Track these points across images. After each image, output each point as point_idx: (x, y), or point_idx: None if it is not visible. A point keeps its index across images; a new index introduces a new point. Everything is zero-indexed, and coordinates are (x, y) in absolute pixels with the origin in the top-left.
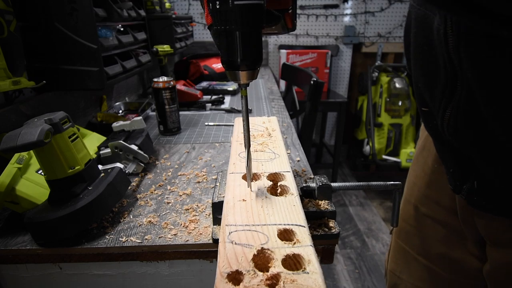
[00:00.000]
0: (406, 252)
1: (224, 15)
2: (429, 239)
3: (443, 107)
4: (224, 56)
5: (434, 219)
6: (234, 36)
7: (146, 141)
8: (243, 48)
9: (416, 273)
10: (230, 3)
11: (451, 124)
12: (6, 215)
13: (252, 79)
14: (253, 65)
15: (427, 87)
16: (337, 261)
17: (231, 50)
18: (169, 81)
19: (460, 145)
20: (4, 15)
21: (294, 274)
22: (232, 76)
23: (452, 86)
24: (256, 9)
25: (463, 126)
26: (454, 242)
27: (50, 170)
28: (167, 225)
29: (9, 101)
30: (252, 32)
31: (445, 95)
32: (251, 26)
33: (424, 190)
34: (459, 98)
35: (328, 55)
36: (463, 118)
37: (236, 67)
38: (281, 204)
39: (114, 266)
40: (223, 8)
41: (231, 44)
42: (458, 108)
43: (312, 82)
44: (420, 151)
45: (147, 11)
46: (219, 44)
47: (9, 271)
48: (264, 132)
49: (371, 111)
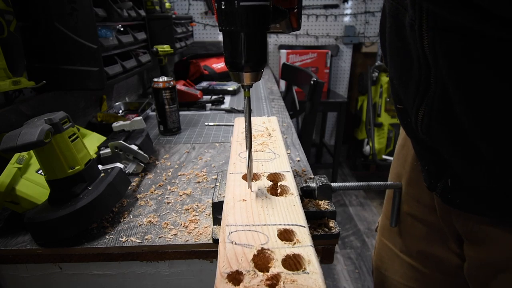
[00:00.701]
0: (389, 250)
1: (229, 16)
2: (410, 237)
3: (417, 105)
4: (228, 56)
5: (414, 217)
6: (238, 37)
7: (146, 141)
8: (248, 49)
9: (400, 270)
10: (236, 4)
11: (425, 122)
12: (6, 215)
13: (255, 80)
14: (257, 67)
15: (401, 84)
16: (337, 261)
17: (235, 51)
18: (169, 81)
19: (433, 143)
20: (4, 15)
21: (294, 274)
22: (236, 77)
23: (426, 84)
24: (262, 10)
25: (436, 125)
26: (434, 239)
27: (50, 170)
28: (167, 225)
29: (9, 101)
30: (257, 33)
31: (419, 93)
32: (256, 27)
33: (404, 188)
34: (433, 96)
35: (328, 55)
36: (436, 116)
37: (240, 68)
38: (281, 204)
39: (114, 266)
40: (229, 9)
41: (235, 45)
42: (432, 106)
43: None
44: (400, 149)
45: (147, 11)
46: (224, 45)
47: (9, 271)
48: (264, 132)
49: (371, 111)
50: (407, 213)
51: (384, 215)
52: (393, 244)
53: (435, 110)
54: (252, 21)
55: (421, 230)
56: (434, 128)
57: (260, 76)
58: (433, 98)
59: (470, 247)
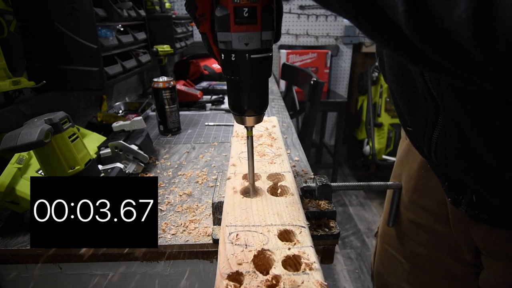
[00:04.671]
0: (392, 256)
1: (237, 67)
2: (414, 244)
3: (428, 136)
4: (232, 101)
5: (419, 225)
6: (243, 85)
7: (146, 141)
8: (250, 96)
9: (403, 276)
10: (247, 57)
11: (439, 153)
12: (6, 215)
13: (258, 122)
14: (259, 111)
15: (408, 110)
16: (337, 261)
17: (239, 97)
18: (169, 81)
19: (452, 172)
20: (4, 15)
21: (295, 275)
22: (239, 120)
23: (434, 115)
24: (266, 61)
25: (453, 154)
26: (440, 247)
27: (50, 170)
28: (167, 225)
29: (9, 101)
30: (261, 82)
31: (428, 124)
32: (260, 76)
33: (410, 195)
34: (444, 127)
35: (328, 55)
36: (451, 147)
37: (243, 112)
38: (281, 204)
39: (114, 266)
40: (238, 61)
41: (239, 92)
42: (445, 137)
43: (312, 82)
44: (405, 155)
45: (147, 11)
46: (228, 90)
47: (9, 271)
48: (264, 132)
49: (371, 111)
50: (411, 221)
51: (385, 220)
52: (396, 250)
53: (449, 140)
54: (256, 71)
55: (426, 238)
56: (450, 157)
57: (262, 117)
58: (444, 129)
59: (492, 260)
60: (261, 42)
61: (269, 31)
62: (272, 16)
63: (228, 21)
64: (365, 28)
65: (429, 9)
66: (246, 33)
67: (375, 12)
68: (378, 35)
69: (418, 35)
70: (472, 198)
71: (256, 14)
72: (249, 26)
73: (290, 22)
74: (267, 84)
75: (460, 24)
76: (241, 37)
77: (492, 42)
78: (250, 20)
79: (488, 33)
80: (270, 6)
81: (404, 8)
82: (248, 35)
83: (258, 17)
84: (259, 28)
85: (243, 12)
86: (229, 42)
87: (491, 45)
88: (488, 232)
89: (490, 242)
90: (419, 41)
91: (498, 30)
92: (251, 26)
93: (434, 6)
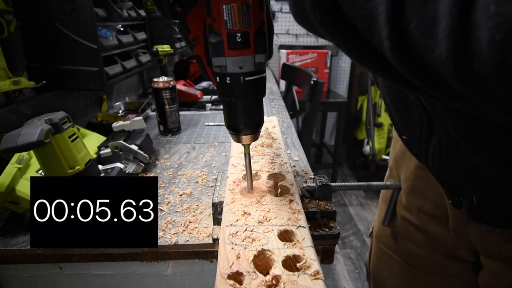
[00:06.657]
0: (388, 256)
1: (232, 89)
2: (410, 244)
3: (424, 147)
4: (228, 121)
5: (415, 226)
6: (238, 106)
7: (146, 141)
8: (246, 115)
9: (400, 277)
10: (242, 80)
11: (436, 163)
12: (6, 215)
13: (254, 140)
14: (255, 129)
15: (402, 122)
16: (337, 261)
17: (235, 117)
18: (169, 81)
19: (450, 180)
20: (4, 15)
21: (295, 275)
22: (235, 139)
23: (429, 127)
24: (261, 82)
25: (450, 167)
26: (435, 248)
27: (50, 170)
28: (167, 225)
29: (9, 101)
30: (256, 101)
31: (424, 136)
32: (255, 97)
33: (406, 195)
34: (440, 140)
35: (328, 55)
36: (448, 157)
37: (239, 131)
38: (281, 204)
39: (114, 266)
40: (233, 84)
41: (235, 112)
42: (441, 148)
43: (312, 82)
44: (401, 155)
45: (147, 11)
46: (224, 111)
47: (9, 271)
48: (264, 132)
49: (371, 111)
50: (407, 221)
51: (380, 220)
52: (392, 251)
53: (445, 152)
54: (251, 92)
55: (422, 238)
56: (446, 167)
57: (259, 135)
58: (440, 142)
59: (490, 261)
60: (254, 65)
61: (262, 53)
62: (264, 40)
63: (222, 47)
64: (356, 58)
65: (412, 46)
66: (240, 57)
67: (365, 43)
68: (369, 63)
69: (403, 68)
70: (472, 199)
71: (249, 38)
72: (242, 50)
73: (290, 22)
74: (262, 103)
75: (440, 62)
76: (235, 61)
77: (471, 80)
78: (244, 45)
79: (467, 72)
80: (262, 29)
81: (388, 44)
82: (242, 59)
83: (251, 41)
84: (252, 52)
85: (236, 37)
86: (223, 66)
87: (471, 82)
88: (489, 232)
89: (490, 242)
90: (405, 73)
91: (476, 69)
92: (244, 50)
93: (417, 44)
